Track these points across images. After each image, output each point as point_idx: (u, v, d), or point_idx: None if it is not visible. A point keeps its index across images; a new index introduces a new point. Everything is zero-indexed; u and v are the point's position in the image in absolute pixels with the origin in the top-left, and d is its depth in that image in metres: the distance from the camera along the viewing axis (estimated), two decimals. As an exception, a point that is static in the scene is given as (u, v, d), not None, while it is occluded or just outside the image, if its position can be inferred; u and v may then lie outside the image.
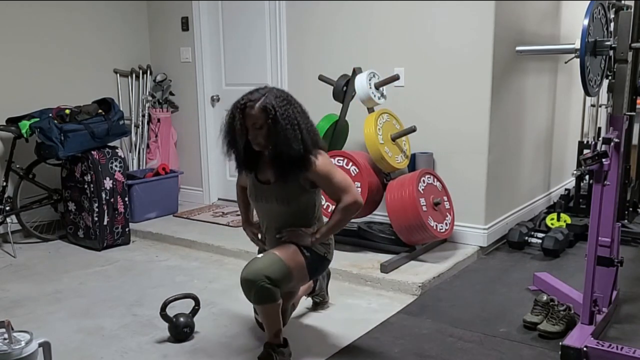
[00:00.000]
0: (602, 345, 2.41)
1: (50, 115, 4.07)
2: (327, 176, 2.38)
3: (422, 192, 3.53)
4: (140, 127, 5.20)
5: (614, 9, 3.45)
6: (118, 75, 5.09)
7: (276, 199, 2.41)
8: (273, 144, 2.29)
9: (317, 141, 2.40)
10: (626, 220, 4.26)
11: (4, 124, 4.19)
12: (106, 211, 4.17)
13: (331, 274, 3.17)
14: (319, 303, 3.06)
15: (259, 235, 2.66)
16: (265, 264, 2.33)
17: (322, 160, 2.37)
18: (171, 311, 2.75)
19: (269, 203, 2.44)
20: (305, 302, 3.04)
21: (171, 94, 5.23)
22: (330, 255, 2.57)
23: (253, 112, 2.27)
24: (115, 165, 4.23)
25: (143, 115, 5.21)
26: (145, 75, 5.24)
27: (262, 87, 2.35)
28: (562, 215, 4.29)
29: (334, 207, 2.48)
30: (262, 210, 2.51)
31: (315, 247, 2.48)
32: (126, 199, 4.31)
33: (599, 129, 5.18)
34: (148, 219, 4.71)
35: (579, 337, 2.48)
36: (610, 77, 2.75)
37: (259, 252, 2.62)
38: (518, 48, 2.87)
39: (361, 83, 3.67)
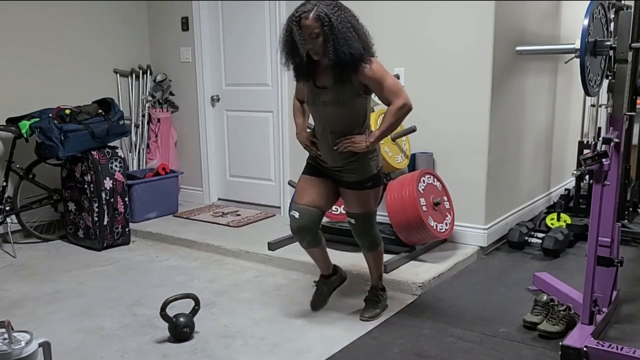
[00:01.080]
0: (602, 345, 2.41)
1: (50, 115, 4.07)
2: (380, 79, 2.54)
3: (422, 192, 3.53)
4: (140, 127, 5.20)
5: (614, 9, 3.46)
6: (118, 75, 5.09)
7: (332, 102, 2.58)
8: (333, 48, 2.42)
9: (370, 46, 2.55)
10: (626, 220, 4.26)
11: (4, 124, 4.19)
12: (106, 211, 4.17)
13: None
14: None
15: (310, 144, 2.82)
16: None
17: (376, 65, 2.54)
18: (171, 311, 2.75)
19: (325, 106, 2.61)
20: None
21: (171, 94, 5.23)
22: (381, 164, 2.80)
23: (308, 22, 2.42)
24: (115, 165, 4.23)
25: (143, 115, 5.21)
26: (145, 75, 5.24)
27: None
28: (562, 215, 4.30)
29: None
30: (318, 113, 2.68)
31: (370, 167, 2.70)
32: (126, 199, 4.31)
33: (599, 129, 5.18)
34: (148, 219, 4.71)
35: (579, 337, 2.48)
36: (610, 77, 2.75)
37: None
38: (518, 48, 2.87)
39: (361, 83, 3.66)
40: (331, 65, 2.49)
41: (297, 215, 2.76)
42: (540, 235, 4.01)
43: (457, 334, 2.78)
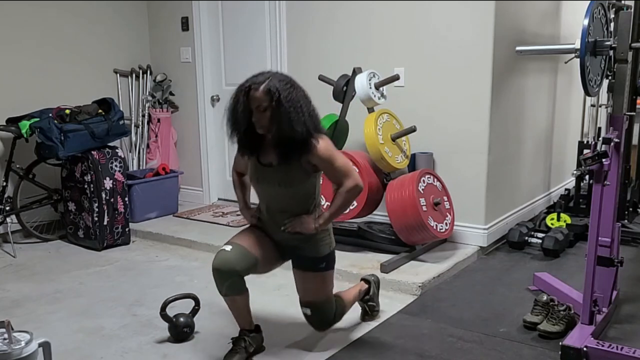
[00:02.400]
0: (602, 345, 2.41)
1: (50, 115, 4.07)
2: (329, 160, 2.42)
3: (422, 192, 3.53)
4: (140, 127, 5.20)
5: (614, 9, 3.46)
6: (118, 75, 5.09)
7: (278, 182, 2.44)
8: (277, 126, 2.32)
9: (319, 125, 2.44)
10: (626, 220, 4.26)
11: (4, 124, 4.19)
12: (106, 211, 4.17)
13: (376, 281, 3.06)
14: (370, 312, 2.96)
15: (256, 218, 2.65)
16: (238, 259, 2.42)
17: (324, 144, 2.41)
18: (171, 311, 2.75)
19: (270, 185, 2.47)
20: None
21: (171, 94, 5.23)
22: (334, 244, 2.62)
23: (257, 94, 2.30)
24: (115, 165, 4.23)
25: (143, 115, 5.21)
26: (145, 75, 5.24)
27: (265, 71, 2.40)
28: (562, 215, 4.29)
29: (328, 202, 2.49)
30: (263, 192, 2.54)
31: (323, 247, 2.54)
32: (126, 199, 4.31)
33: (599, 129, 5.19)
34: (148, 219, 4.71)
35: (579, 337, 2.48)
36: (610, 77, 2.75)
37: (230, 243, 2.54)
38: (518, 48, 2.87)
39: (361, 83, 3.67)
40: (274, 144, 2.38)
41: (228, 248, 2.44)
42: (540, 235, 4.00)
43: (457, 334, 2.78)
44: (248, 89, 2.33)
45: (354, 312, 3.00)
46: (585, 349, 2.39)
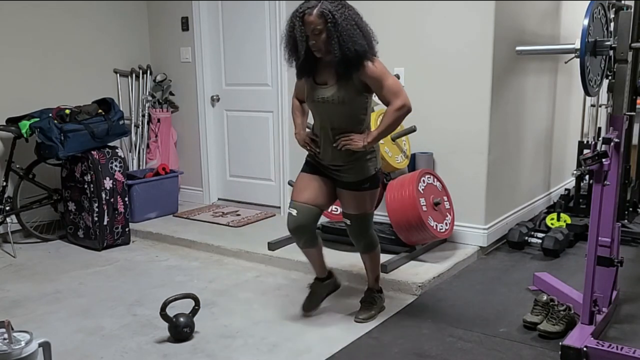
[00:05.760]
0: (602, 345, 2.41)
1: (50, 115, 4.07)
2: (381, 78, 2.53)
3: (422, 192, 3.53)
4: (140, 127, 5.20)
5: (614, 9, 3.46)
6: (118, 75, 5.09)
7: (332, 99, 2.57)
8: (338, 45, 2.42)
9: (371, 43, 2.54)
10: (626, 220, 4.26)
11: (4, 124, 4.19)
12: (106, 211, 4.17)
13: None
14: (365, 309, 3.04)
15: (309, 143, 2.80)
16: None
17: (378, 64, 2.54)
18: (171, 311, 2.75)
19: (325, 103, 2.60)
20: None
21: (171, 94, 5.23)
22: (379, 164, 2.78)
23: (312, 18, 2.42)
24: (115, 165, 4.23)
25: (143, 115, 5.21)
26: (145, 75, 5.24)
27: None
28: (562, 215, 4.29)
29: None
30: (317, 111, 2.67)
31: (368, 167, 2.69)
32: (126, 199, 4.31)
33: (599, 129, 5.18)
34: (148, 219, 4.71)
35: (579, 337, 2.48)
36: (610, 77, 2.75)
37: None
38: (518, 48, 2.87)
39: (361, 83, 3.66)
40: (336, 62, 2.48)
41: (294, 212, 2.72)
42: (540, 235, 4.01)
43: (457, 334, 2.78)
44: (302, 14, 2.44)
45: (353, 312, 3.00)
46: (585, 349, 2.39)
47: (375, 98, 3.73)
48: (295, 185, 2.82)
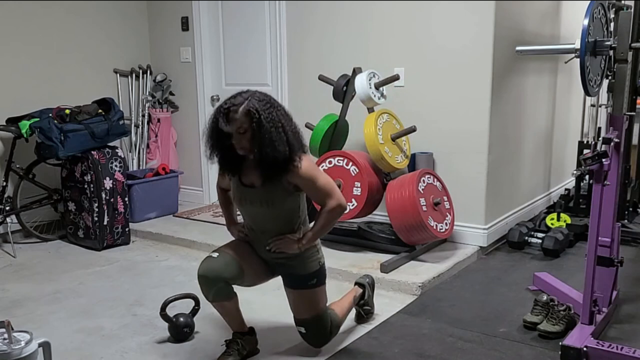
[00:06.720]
0: (602, 345, 2.41)
1: (50, 115, 4.07)
2: (311, 179, 2.37)
3: (422, 192, 3.53)
4: (140, 127, 5.20)
5: (614, 9, 3.45)
6: (118, 75, 5.09)
7: (260, 202, 2.40)
8: (258, 147, 2.26)
9: (301, 144, 2.38)
10: (626, 220, 4.26)
11: (4, 124, 4.19)
12: (106, 211, 4.17)
13: (371, 283, 3.03)
14: (365, 315, 2.94)
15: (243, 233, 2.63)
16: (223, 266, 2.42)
17: (306, 164, 2.36)
18: (171, 311, 2.75)
19: (253, 206, 2.43)
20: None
21: (171, 94, 5.23)
22: (323, 259, 2.58)
23: (237, 116, 2.24)
24: (115, 165, 4.23)
25: (143, 115, 5.21)
26: (145, 75, 5.24)
27: (244, 91, 2.33)
28: (562, 215, 4.29)
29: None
30: (246, 213, 2.51)
31: (312, 263, 2.50)
32: (126, 199, 4.31)
33: (599, 129, 5.18)
34: (148, 219, 4.71)
35: (579, 337, 2.48)
36: (610, 77, 2.75)
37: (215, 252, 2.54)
38: (518, 48, 2.87)
39: (361, 83, 3.67)
40: (256, 164, 2.32)
41: (214, 255, 2.44)
42: (540, 235, 4.01)
43: (457, 334, 2.78)
44: (227, 111, 2.26)
45: (353, 312, 2.99)
46: (585, 349, 2.39)
47: (375, 98, 3.75)
48: (227, 242, 2.59)
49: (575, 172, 3.32)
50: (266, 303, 3.17)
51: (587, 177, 4.61)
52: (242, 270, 2.45)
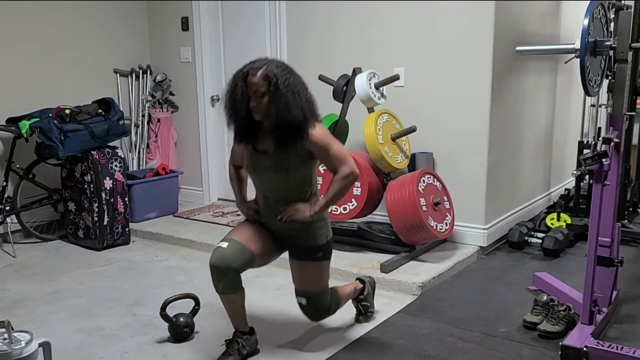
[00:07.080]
0: (602, 345, 2.41)
1: (50, 115, 4.07)
2: (325, 146, 2.39)
3: (422, 192, 3.53)
4: (140, 127, 5.20)
5: (614, 9, 3.46)
6: (118, 75, 5.09)
7: (274, 168, 2.42)
8: (274, 111, 2.30)
9: (315, 112, 2.42)
10: (626, 220, 4.26)
11: (4, 124, 4.19)
12: (106, 211, 4.17)
13: (371, 282, 3.02)
14: (364, 312, 2.94)
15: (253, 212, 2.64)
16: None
17: (320, 131, 2.39)
18: (171, 311, 2.75)
19: (266, 173, 2.45)
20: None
21: (171, 94, 5.23)
22: (331, 234, 2.60)
23: (255, 79, 2.28)
24: (115, 165, 4.23)
25: (143, 115, 5.21)
26: (145, 75, 5.24)
27: (262, 57, 2.38)
28: (562, 215, 4.29)
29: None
30: (259, 180, 2.52)
31: (320, 235, 2.52)
32: (126, 199, 4.31)
33: (599, 129, 5.19)
34: (148, 219, 4.71)
35: (579, 337, 2.48)
36: (610, 77, 2.75)
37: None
38: (518, 48, 2.87)
39: (361, 83, 3.67)
40: (271, 129, 2.36)
41: (224, 245, 2.42)
42: (540, 235, 4.00)
43: (457, 334, 2.78)
44: (246, 74, 2.30)
45: (351, 312, 3.00)
46: (585, 349, 2.39)
47: (375, 98, 3.75)
48: (234, 227, 2.59)
49: (575, 172, 3.32)
50: (266, 303, 3.17)
51: (587, 177, 4.61)
52: (252, 255, 2.46)
